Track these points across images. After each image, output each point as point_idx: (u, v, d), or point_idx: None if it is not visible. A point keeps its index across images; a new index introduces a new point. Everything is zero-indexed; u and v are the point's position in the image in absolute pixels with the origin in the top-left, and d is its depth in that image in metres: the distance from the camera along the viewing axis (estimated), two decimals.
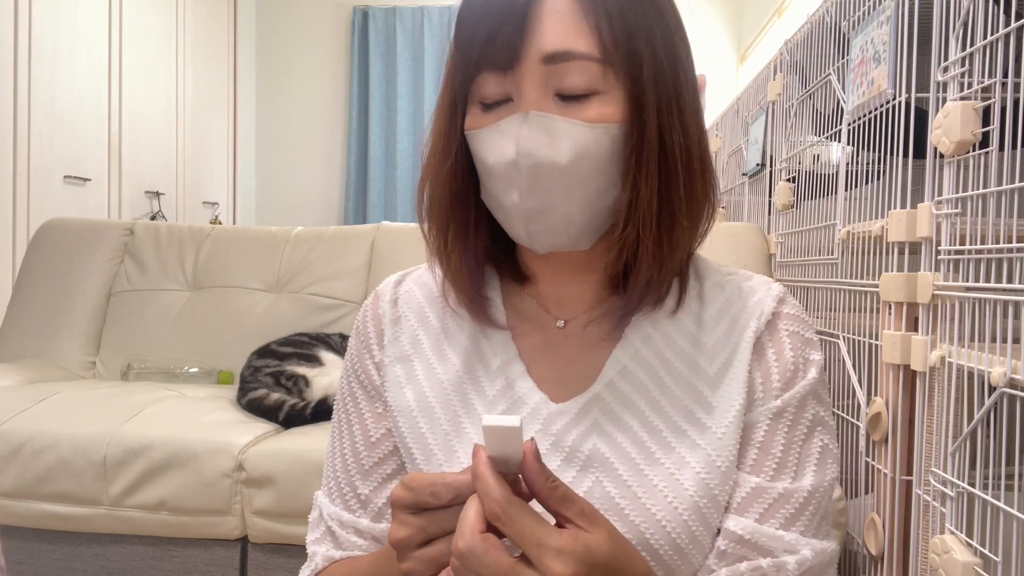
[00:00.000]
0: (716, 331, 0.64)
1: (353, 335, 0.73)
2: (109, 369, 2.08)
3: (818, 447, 0.62)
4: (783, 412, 0.62)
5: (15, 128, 2.86)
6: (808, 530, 0.60)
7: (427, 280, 0.72)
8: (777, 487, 0.60)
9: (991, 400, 0.84)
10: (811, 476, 0.61)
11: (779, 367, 0.63)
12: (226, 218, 4.70)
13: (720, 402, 0.62)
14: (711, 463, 0.60)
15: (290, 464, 1.44)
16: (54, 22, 3.07)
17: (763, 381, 0.63)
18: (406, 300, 0.71)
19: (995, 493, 0.87)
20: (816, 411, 0.63)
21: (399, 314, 0.70)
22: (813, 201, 1.57)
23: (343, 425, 0.71)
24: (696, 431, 0.61)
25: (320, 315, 2.08)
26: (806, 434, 0.62)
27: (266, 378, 1.75)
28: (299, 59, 5.20)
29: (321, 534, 0.69)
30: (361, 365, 0.70)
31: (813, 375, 0.63)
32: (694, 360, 0.63)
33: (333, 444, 0.71)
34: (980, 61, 0.92)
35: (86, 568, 1.52)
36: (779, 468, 0.61)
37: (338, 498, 0.69)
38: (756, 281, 0.67)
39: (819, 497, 0.61)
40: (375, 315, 0.71)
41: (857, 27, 1.29)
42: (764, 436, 0.61)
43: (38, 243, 2.21)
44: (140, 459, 1.45)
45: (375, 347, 0.70)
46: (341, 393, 0.73)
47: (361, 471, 0.68)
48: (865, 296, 1.25)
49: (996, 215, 0.87)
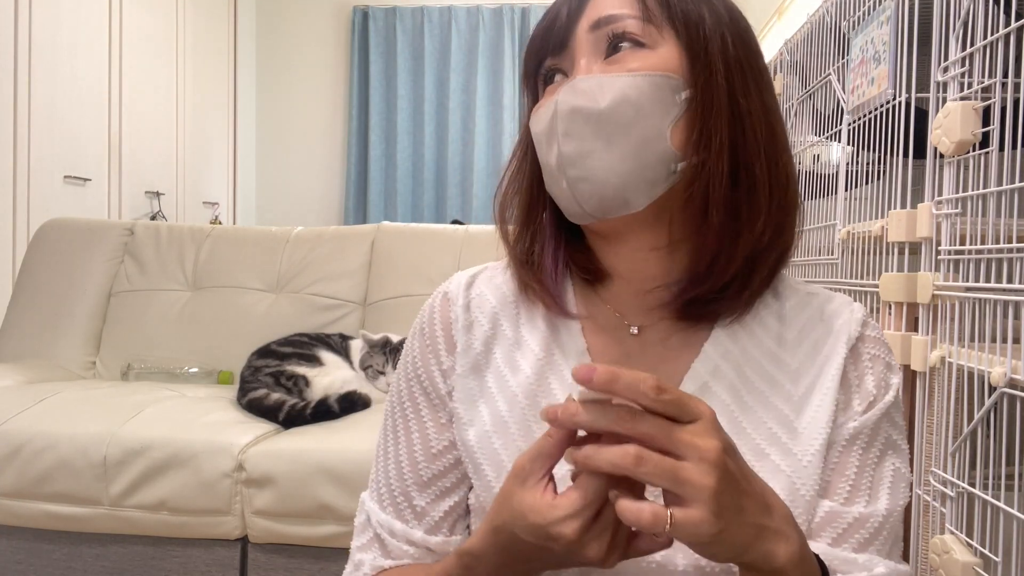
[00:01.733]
0: (799, 352, 0.63)
1: (417, 336, 0.69)
2: (109, 369, 2.08)
3: (891, 470, 0.61)
4: (858, 435, 0.61)
5: (15, 128, 2.86)
6: (881, 553, 0.59)
7: (499, 283, 0.69)
8: (852, 511, 0.59)
9: (991, 400, 0.84)
10: (885, 500, 0.60)
11: (860, 392, 0.62)
12: (226, 218, 4.70)
13: (807, 428, 0.60)
14: (794, 490, 0.58)
15: (290, 464, 1.44)
16: (54, 22, 3.07)
17: (844, 407, 0.61)
18: (479, 305, 0.68)
19: (995, 493, 0.87)
20: (889, 434, 0.62)
21: (472, 320, 0.67)
22: (813, 201, 1.57)
23: (400, 430, 0.67)
24: (779, 455, 0.59)
25: (320, 315, 2.08)
26: (879, 457, 0.61)
27: (266, 378, 1.75)
28: (299, 59, 5.20)
29: (368, 540, 0.66)
30: (426, 370, 0.67)
31: (889, 398, 0.62)
32: (776, 380, 0.62)
33: (387, 448, 0.68)
34: (980, 61, 0.92)
35: (86, 568, 1.51)
36: (852, 491, 0.60)
37: (390, 506, 0.66)
38: (838, 302, 0.65)
39: (893, 521, 0.60)
40: (445, 319, 0.68)
41: (857, 27, 1.29)
42: (838, 458, 0.60)
43: (38, 243, 2.21)
44: (140, 459, 1.45)
45: (444, 353, 0.67)
46: (399, 396, 0.69)
47: (419, 482, 0.65)
48: (865, 296, 1.25)
49: (996, 215, 0.87)
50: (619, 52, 0.58)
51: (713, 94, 0.58)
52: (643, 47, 0.58)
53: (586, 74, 0.58)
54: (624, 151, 0.57)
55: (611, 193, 0.58)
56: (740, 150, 0.59)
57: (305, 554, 1.48)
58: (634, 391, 0.45)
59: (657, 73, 0.57)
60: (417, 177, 5.09)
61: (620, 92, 0.57)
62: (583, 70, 0.59)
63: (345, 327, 2.06)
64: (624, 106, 0.57)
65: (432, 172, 5.06)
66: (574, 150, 0.58)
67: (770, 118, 0.60)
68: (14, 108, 2.86)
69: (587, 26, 0.59)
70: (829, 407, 0.60)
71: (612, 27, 0.59)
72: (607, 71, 0.58)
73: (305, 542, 1.47)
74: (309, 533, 1.45)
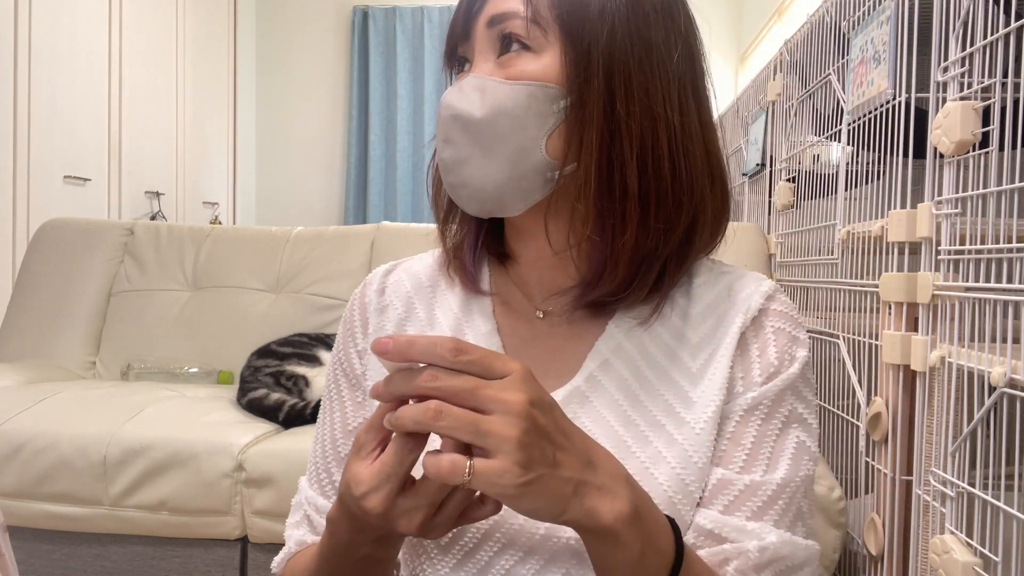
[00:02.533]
0: (702, 327, 0.63)
1: (340, 324, 0.73)
2: (109, 369, 2.08)
3: (793, 442, 0.60)
4: (757, 405, 0.60)
5: (15, 128, 2.86)
6: (779, 524, 0.58)
7: (418, 270, 0.72)
8: (744, 479, 0.58)
9: (991, 400, 0.84)
10: (783, 470, 0.59)
11: (761, 363, 0.62)
12: (226, 218, 4.70)
13: (700, 397, 0.61)
14: (687, 458, 0.59)
15: (290, 464, 1.44)
16: (54, 22, 3.07)
17: (744, 376, 0.61)
18: (394, 289, 0.71)
19: (995, 493, 0.87)
20: (794, 406, 0.61)
21: (386, 303, 0.70)
22: (813, 201, 1.57)
23: (325, 413, 0.71)
24: (674, 425, 0.60)
25: (320, 315, 2.08)
26: (780, 428, 0.60)
27: (266, 378, 1.75)
28: (299, 59, 5.20)
29: (299, 518, 0.69)
30: (345, 354, 0.70)
31: (794, 371, 0.62)
32: (676, 354, 0.62)
33: (317, 431, 0.71)
34: (980, 61, 0.92)
35: (86, 568, 1.51)
36: (748, 461, 0.59)
37: (315, 484, 0.69)
38: (748, 279, 0.66)
39: (791, 491, 0.59)
40: (362, 303, 0.71)
41: (857, 27, 1.29)
42: (735, 428, 0.60)
43: (38, 243, 2.21)
44: (140, 459, 1.45)
45: (359, 335, 0.70)
46: (327, 381, 0.72)
47: (337, 458, 0.68)
48: (865, 296, 1.25)
49: (996, 215, 0.87)
50: (509, 53, 0.59)
51: (589, 102, 0.58)
52: (529, 51, 0.59)
53: (477, 74, 0.60)
54: (500, 160, 0.58)
55: (488, 198, 0.60)
56: (615, 158, 0.58)
57: None
58: (432, 354, 0.46)
59: (535, 83, 0.58)
60: (417, 177, 5.09)
61: (498, 102, 0.58)
62: (477, 67, 0.60)
63: None
64: (500, 116, 0.58)
65: None
66: (451, 157, 0.60)
67: (655, 124, 0.59)
68: (14, 108, 2.86)
69: (484, 21, 0.60)
70: (723, 375, 0.61)
71: (502, 27, 0.59)
72: (495, 73, 0.59)
73: None
74: None
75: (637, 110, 0.58)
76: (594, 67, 0.58)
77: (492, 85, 0.58)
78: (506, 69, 0.59)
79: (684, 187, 0.61)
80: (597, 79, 0.58)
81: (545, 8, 0.59)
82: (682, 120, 0.60)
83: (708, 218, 0.63)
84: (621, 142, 0.58)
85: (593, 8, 0.58)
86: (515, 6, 0.59)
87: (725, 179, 0.65)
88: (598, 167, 0.58)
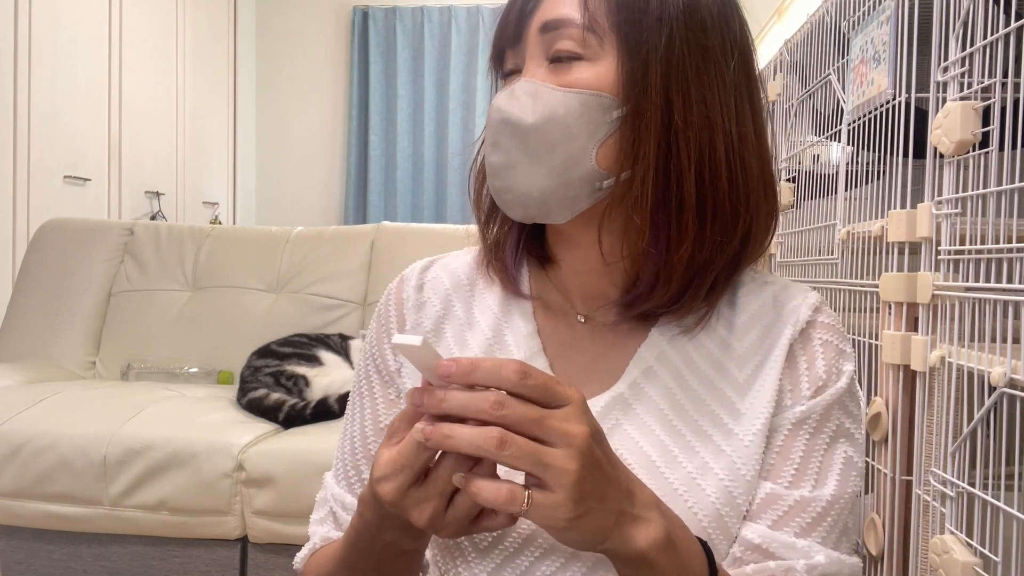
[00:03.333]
0: (747, 337, 0.62)
1: (374, 318, 0.71)
2: (109, 369, 2.08)
3: (841, 458, 0.60)
4: (806, 419, 0.60)
5: (15, 128, 2.86)
6: (826, 541, 0.58)
7: (456, 267, 0.70)
8: (793, 494, 0.58)
9: (991, 400, 0.84)
10: (832, 486, 0.59)
11: (809, 376, 0.61)
12: (226, 218, 4.70)
13: (749, 409, 0.60)
14: (735, 471, 0.58)
15: (290, 464, 1.44)
16: (54, 22, 3.07)
17: (792, 389, 0.61)
18: (432, 286, 0.69)
19: (995, 493, 0.86)
20: (841, 421, 0.61)
21: (423, 300, 0.68)
22: (813, 201, 1.57)
23: (355, 408, 0.70)
24: (722, 436, 0.59)
25: (320, 315, 2.08)
26: (828, 443, 0.60)
27: (266, 378, 1.75)
28: (299, 59, 5.20)
29: (324, 515, 0.69)
30: (379, 349, 0.69)
31: (842, 385, 0.61)
32: (723, 365, 0.61)
33: (345, 427, 0.70)
34: (980, 61, 0.92)
35: (86, 568, 1.51)
36: (797, 475, 0.59)
37: (343, 480, 0.68)
38: (793, 290, 0.65)
39: (839, 508, 0.59)
40: (398, 299, 0.69)
41: (857, 27, 1.29)
42: (783, 442, 0.59)
43: (38, 243, 2.21)
44: (140, 459, 1.45)
45: (395, 331, 0.68)
46: (357, 375, 0.71)
47: (367, 456, 0.67)
48: (865, 296, 1.25)
49: (996, 215, 0.87)
50: (561, 60, 0.58)
51: (646, 113, 0.57)
52: (582, 59, 0.58)
53: (529, 78, 0.59)
54: (548, 167, 0.57)
55: (533, 204, 0.59)
56: (672, 169, 0.57)
57: None
58: (496, 378, 0.45)
59: (588, 92, 0.57)
60: (417, 177, 5.09)
61: (549, 109, 0.57)
62: (528, 72, 0.59)
63: (345, 327, 2.06)
64: (551, 124, 0.57)
65: (432, 172, 5.06)
66: (499, 162, 0.59)
67: (712, 134, 0.58)
68: (14, 108, 2.86)
69: (537, 26, 0.59)
70: (772, 388, 0.60)
71: (556, 32, 0.58)
72: (547, 79, 0.58)
73: (305, 542, 1.47)
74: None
75: (695, 120, 0.57)
76: (652, 77, 0.56)
77: (545, 91, 0.57)
78: (559, 76, 0.58)
79: (740, 198, 0.60)
80: (655, 89, 0.56)
81: (602, 15, 0.57)
82: (739, 130, 0.59)
83: (761, 229, 0.62)
84: (679, 153, 0.57)
85: (651, 16, 0.57)
86: (571, 12, 0.58)
87: (775, 188, 0.64)
88: (655, 178, 0.57)
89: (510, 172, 0.58)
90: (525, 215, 0.60)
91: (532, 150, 0.57)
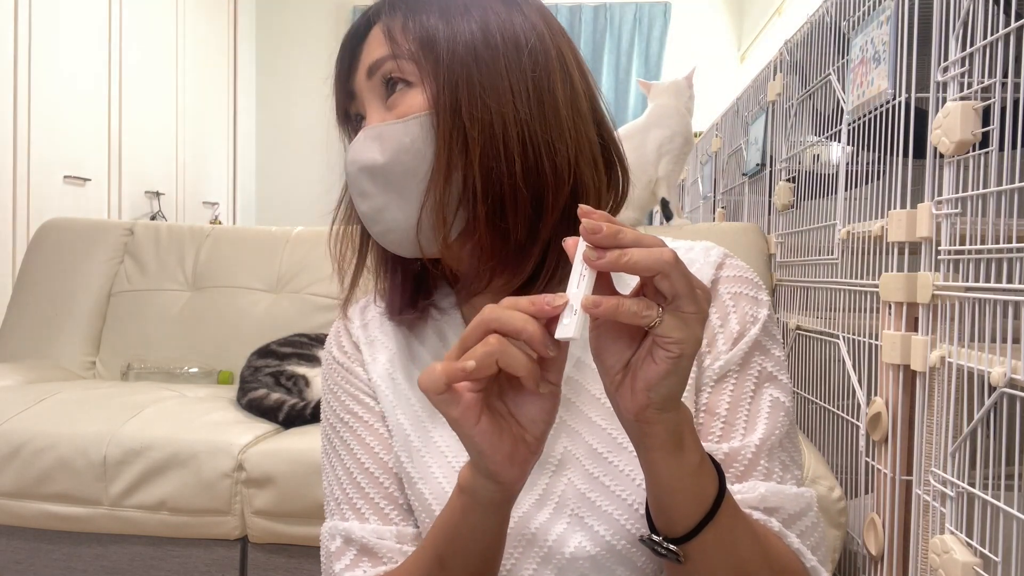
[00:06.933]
0: None
1: (331, 362, 0.72)
2: (109, 369, 2.08)
3: (768, 401, 0.60)
4: (726, 373, 0.61)
5: (15, 128, 2.86)
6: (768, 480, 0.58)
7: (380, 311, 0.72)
8: (723, 447, 0.58)
9: (991, 400, 0.84)
10: (760, 431, 0.59)
11: (724, 332, 0.61)
12: (226, 218, 4.70)
13: None
14: None
15: (290, 464, 1.44)
16: (54, 22, 3.07)
17: (709, 350, 0.61)
18: (376, 324, 0.71)
19: (995, 493, 0.87)
20: (763, 366, 0.61)
21: (372, 337, 0.71)
22: (813, 201, 1.57)
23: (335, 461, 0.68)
24: None
25: (320, 315, 2.08)
26: (753, 390, 0.60)
27: (266, 378, 1.75)
28: (299, 59, 5.20)
29: (351, 560, 0.64)
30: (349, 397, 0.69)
31: (755, 331, 0.61)
32: None
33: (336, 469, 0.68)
34: (980, 61, 0.92)
35: (86, 568, 1.51)
36: (726, 428, 0.59)
37: (349, 512, 0.65)
38: (695, 251, 0.65)
39: (769, 449, 0.59)
40: (349, 340, 0.71)
41: (857, 27, 1.29)
42: (708, 399, 0.60)
43: (38, 243, 2.20)
44: (140, 459, 1.45)
45: (358, 370, 0.70)
46: (326, 431, 0.70)
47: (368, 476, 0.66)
48: (865, 296, 1.25)
49: (996, 215, 0.87)
50: (394, 94, 0.61)
51: (439, 118, 0.59)
52: (410, 85, 0.60)
53: (370, 124, 0.61)
54: (416, 194, 0.59)
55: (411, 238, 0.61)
56: (467, 164, 0.59)
57: (305, 554, 1.48)
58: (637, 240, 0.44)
59: (422, 114, 0.59)
60: None
61: (396, 141, 0.59)
62: (370, 119, 0.62)
63: None
64: (403, 154, 0.59)
65: None
66: (370, 208, 0.61)
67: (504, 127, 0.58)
68: (14, 108, 2.86)
69: (364, 74, 0.62)
70: None
71: (380, 72, 0.61)
72: (386, 118, 0.61)
73: (305, 542, 1.46)
74: (309, 533, 1.45)
75: (479, 116, 0.58)
76: (442, 81, 0.59)
77: (387, 129, 0.60)
78: (395, 110, 0.61)
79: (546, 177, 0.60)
80: (445, 91, 0.59)
81: (402, 39, 0.60)
82: (541, 117, 0.60)
83: (591, 196, 0.62)
84: (469, 149, 0.58)
85: (442, 31, 0.60)
86: (383, 50, 0.61)
87: (613, 158, 0.64)
88: (474, 180, 0.59)
89: (384, 214, 0.61)
90: (414, 250, 0.62)
91: (396, 185, 0.59)
